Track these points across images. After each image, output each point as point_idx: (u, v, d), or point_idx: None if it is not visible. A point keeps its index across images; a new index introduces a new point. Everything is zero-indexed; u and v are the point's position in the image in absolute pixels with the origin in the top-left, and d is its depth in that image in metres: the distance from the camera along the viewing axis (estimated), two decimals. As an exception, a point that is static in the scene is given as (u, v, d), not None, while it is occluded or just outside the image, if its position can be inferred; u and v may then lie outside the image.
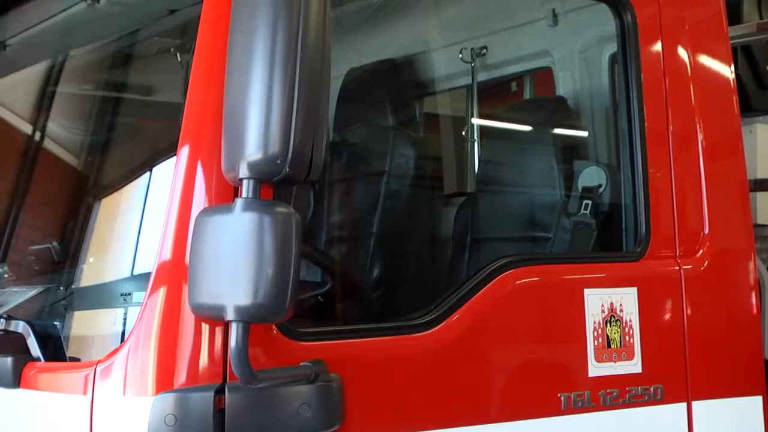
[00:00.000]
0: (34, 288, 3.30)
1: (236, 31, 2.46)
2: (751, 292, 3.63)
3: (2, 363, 2.88)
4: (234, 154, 2.41)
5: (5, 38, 3.76)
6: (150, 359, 2.60)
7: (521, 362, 3.13)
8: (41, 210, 3.63)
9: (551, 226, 3.58)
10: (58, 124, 3.67)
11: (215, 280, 2.38)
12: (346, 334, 2.89)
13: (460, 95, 3.77)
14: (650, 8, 3.52)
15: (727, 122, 3.67)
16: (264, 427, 2.60)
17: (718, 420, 3.46)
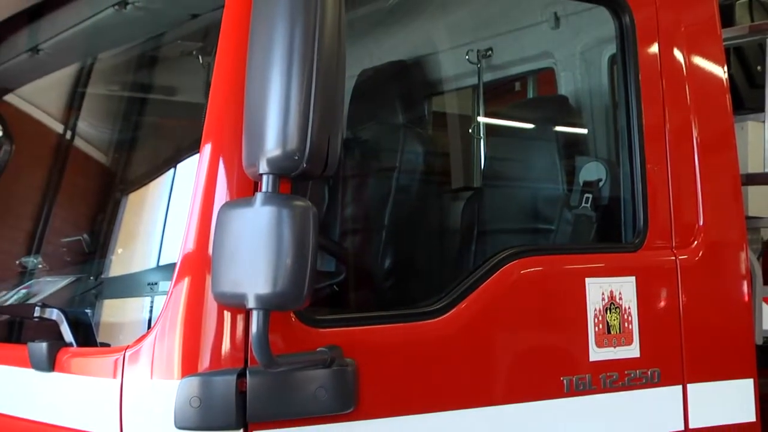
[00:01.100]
0: (67, 278, 3.31)
1: (256, 34, 2.46)
2: (743, 281, 3.61)
3: (37, 348, 2.89)
4: (254, 150, 2.42)
5: (38, 43, 3.77)
6: (175, 345, 2.61)
7: (526, 347, 3.13)
8: (72, 204, 3.64)
9: (554, 219, 3.57)
10: (87, 123, 3.67)
11: (237, 270, 2.38)
12: (360, 321, 2.88)
13: (466, 95, 3.77)
14: (647, 11, 3.50)
15: (720, 120, 3.66)
16: (283, 409, 2.61)
17: (712, 401, 3.45)
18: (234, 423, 2.54)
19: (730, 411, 3.51)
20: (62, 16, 3.56)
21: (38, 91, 3.96)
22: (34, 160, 3.96)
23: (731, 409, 3.52)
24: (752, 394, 3.55)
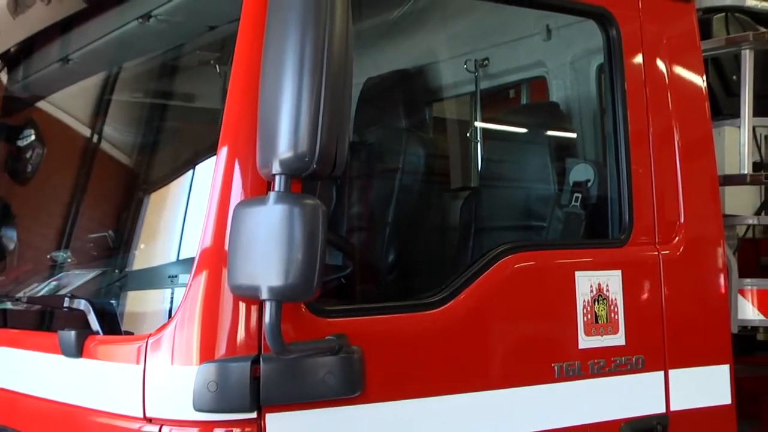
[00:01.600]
0: (93, 271, 3.30)
1: (269, 44, 2.45)
2: (720, 275, 3.58)
3: (67, 336, 2.88)
4: (267, 152, 2.40)
5: (68, 53, 3.75)
6: (194, 333, 2.59)
7: (520, 336, 3.11)
8: (98, 203, 3.62)
9: (546, 217, 3.54)
10: (112, 128, 3.65)
11: (251, 263, 2.37)
12: (366, 311, 2.87)
13: (464, 101, 3.75)
14: (633, 24, 3.47)
15: (699, 125, 3.63)
16: (294, 393, 2.59)
17: (691, 386, 3.43)
18: (248, 406, 2.53)
19: (707, 395, 3.48)
20: (90, 28, 3.54)
21: (68, 98, 3.94)
22: (63, 162, 3.94)
23: (709, 393, 3.48)
24: (728, 378, 3.52)
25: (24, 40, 3.86)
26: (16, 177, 4.15)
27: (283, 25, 2.41)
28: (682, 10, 3.65)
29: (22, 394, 3.22)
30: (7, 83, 4.27)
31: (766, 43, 4.06)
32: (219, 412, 2.54)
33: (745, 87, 4.01)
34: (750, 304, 3.88)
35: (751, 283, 3.92)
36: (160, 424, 2.60)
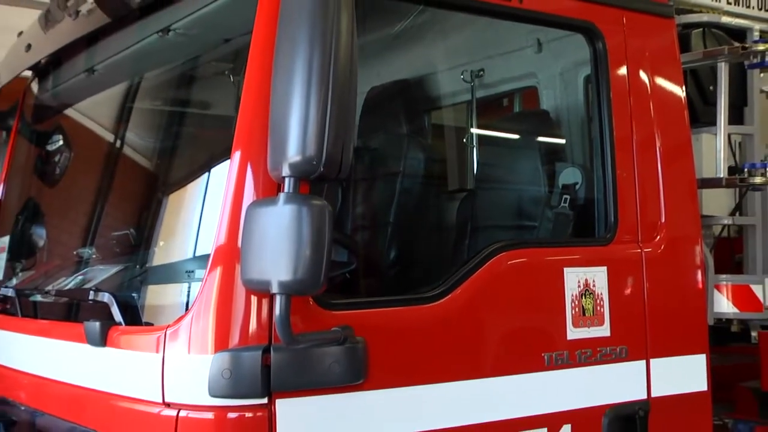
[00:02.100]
0: (116, 266, 3.27)
1: (280, 56, 2.43)
2: (698, 271, 3.54)
3: (92, 327, 2.87)
4: (278, 156, 2.39)
5: (93, 65, 3.73)
6: (209, 324, 2.57)
7: (512, 328, 3.07)
8: (121, 204, 3.60)
9: (537, 217, 3.52)
10: (133, 133, 3.63)
11: (262, 260, 2.35)
12: (369, 304, 2.84)
13: (461, 109, 3.72)
14: (617, 38, 3.44)
15: (679, 132, 3.59)
16: (302, 381, 2.57)
17: (671, 374, 3.39)
18: (260, 392, 2.51)
19: (686, 382, 3.45)
20: (114, 41, 3.52)
21: (93, 106, 3.92)
22: (88, 165, 3.92)
23: (687, 380, 3.45)
24: (705, 367, 3.49)
25: (53, 53, 3.83)
26: (45, 179, 4.15)
27: (292, 38, 2.39)
28: (663, 25, 3.62)
29: (52, 380, 3.21)
30: (38, 92, 4.25)
31: (740, 57, 4.03)
32: (232, 397, 2.52)
33: (721, 97, 3.99)
34: (725, 298, 3.85)
35: (726, 278, 3.89)
36: (177, 409, 2.58)
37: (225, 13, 3.02)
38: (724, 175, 3.92)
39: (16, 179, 4.33)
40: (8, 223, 4.25)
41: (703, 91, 4.21)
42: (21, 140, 4.37)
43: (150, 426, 2.67)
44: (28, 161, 4.30)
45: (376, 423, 2.73)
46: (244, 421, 2.54)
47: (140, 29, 3.36)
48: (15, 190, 4.32)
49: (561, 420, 3.08)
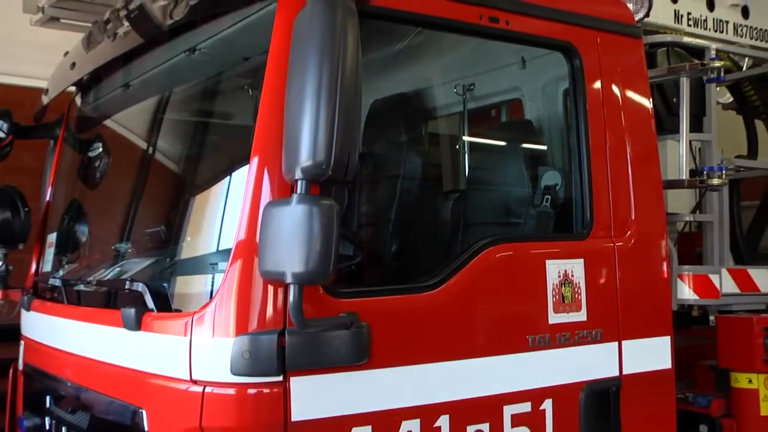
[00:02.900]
0: (149, 259, 3.23)
1: (293, 72, 2.41)
2: (664, 262, 3.50)
3: (128, 313, 2.84)
4: (291, 161, 2.36)
5: (129, 80, 3.71)
6: (231, 311, 2.55)
7: (500, 313, 3.04)
8: (153, 204, 3.56)
9: (521, 215, 3.47)
10: (164, 141, 3.60)
11: (278, 253, 2.32)
12: (372, 293, 2.80)
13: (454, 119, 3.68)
14: (593, 56, 3.39)
15: (647, 139, 3.54)
16: (313, 361, 2.55)
17: (640, 353, 3.36)
18: (275, 371, 2.49)
19: (653, 361, 3.40)
20: (146, 59, 3.49)
21: (128, 117, 3.89)
22: (124, 170, 3.89)
23: (654, 359, 3.41)
24: (669, 347, 3.44)
25: (93, 70, 3.81)
26: (87, 182, 4.11)
27: (304, 57, 2.37)
28: (632, 44, 3.58)
29: (94, 360, 3.18)
30: (81, 105, 4.23)
31: (699, 72, 3.99)
32: (251, 375, 2.50)
33: (683, 108, 3.93)
34: (687, 287, 3.78)
35: (688, 269, 3.83)
36: (203, 385, 2.56)
37: (244, 35, 2.99)
38: (686, 177, 3.86)
39: (62, 182, 4.31)
40: (55, 221, 4.22)
41: (667, 103, 4.17)
42: (66, 148, 4.34)
43: (179, 400, 2.63)
44: (72, 166, 4.27)
45: (379, 397, 2.70)
46: (262, 397, 2.52)
47: (169, 49, 3.33)
48: (61, 192, 4.30)
49: (543, 395, 3.04)
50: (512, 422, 2.96)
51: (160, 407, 2.73)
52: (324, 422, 2.59)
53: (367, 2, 2.70)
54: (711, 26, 4.80)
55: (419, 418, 2.76)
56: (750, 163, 4.59)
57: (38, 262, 4.24)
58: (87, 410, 3.21)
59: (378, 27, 2.93)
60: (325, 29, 2.34)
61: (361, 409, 2.66)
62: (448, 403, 2.83)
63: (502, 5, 3.13)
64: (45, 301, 3.87)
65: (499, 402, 2.94)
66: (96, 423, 3.14)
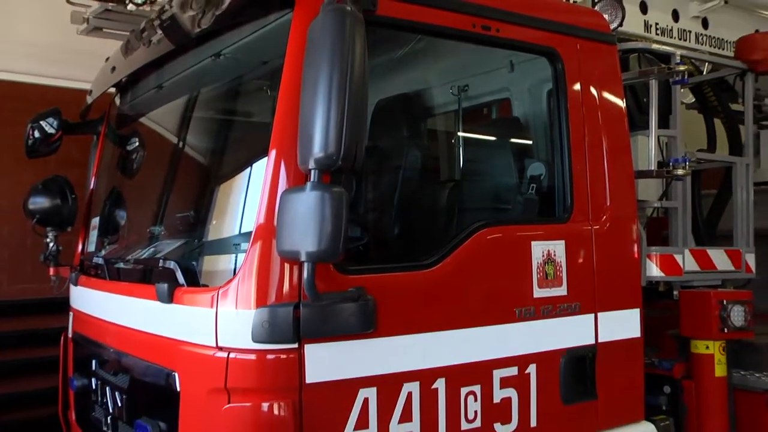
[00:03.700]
0: (179, 240, 3.18)
1: (307, 75, 2.36)
2: (635, 244, 3.45)
3: (162, 288, 2.80)
4: (305, 153, 2.31)
5: (161, 82, 3.65)
6: (252, 286, 2.50)
7: (490, 288, 2.98)
8: (183, 192, 3.49)
9: (510, 201, 3.42)
10: (192, 136, 3.53)
11: (293, 235, 2.28)
12: (378, 270, 2.74)
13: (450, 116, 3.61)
14: (574, 61, 3.33)
15: (620, 135, 3.46)
16: (325, 330, 2.51)
17: (613, 324, 3.31)
18: (291, 339, 2.46)
19: (624, 330, 3.36)
20: (176, 63, 3.43)
21: (161, 115, 3.82)
22: (158, 162, 3.82)
23: (625, 329, 3.36)
24: (639, 318, 3.40)
25: (131, 73, 3.74)
26: (125, 172, 4.06)
27: (317, 61, 2.32)
28: (608, 51, 3.51)
29: (132, 329, 3.14)
30: (120, 104, 4.17)
31: (666, 75, 3.92)
32: (270, 343, 2.47)
33: (652, 107, 3.87)
34: (654, 265, 3.73)
35: (656, 249, 3.77)
36: (228, 351, 2.53)
37: (263, 41, 2.93)
38: (655, 168, 3.80)
39: (104, 173, 4.26)
40: (98, 207, 4.18)
41: (638, 102, 4.11)
42: (107, 142, 4.29)
43: (207, 364, 2.60)
44: (113, 159, 4.22)
45: (383, 362, 2.67)
46: (280, 361, 2.49)
47: (197, 54, 3.27)
48: (103, 181, 4.25)
49: (528, 361, 3.00)
50: (500, 384, 2.92)
51: (190, 370, 2.69)
52: (334, 384, 2.56)
53: (373, 12, 2.66)
54: (676, 35, 4.76)
55: (419, 381, 2.73)
56: (709, 156, 4.52)
57: (84, 243, 4.21)
58: (127, 373, 3.18)
59: (383, 34, 2.86)
60: (335, 36, 2.30)
61: (367, 373, 2.62)
62: (444, 367, 2.79)
63: (493, 15, 3.07)
64: (90, 277, 3.84)
65: (489, 367, 2.90)
66: (135, 384, 3.12)
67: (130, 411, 3.11)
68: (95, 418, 3.50)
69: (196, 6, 2.81)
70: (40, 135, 4.13)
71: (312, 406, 2.50)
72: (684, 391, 3.76)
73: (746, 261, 4.10)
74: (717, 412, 3.74)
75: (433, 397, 2.75)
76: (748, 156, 4.45)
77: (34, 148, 4.17)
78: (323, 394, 2.53)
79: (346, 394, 2.58)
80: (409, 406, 2.70)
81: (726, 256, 4.04)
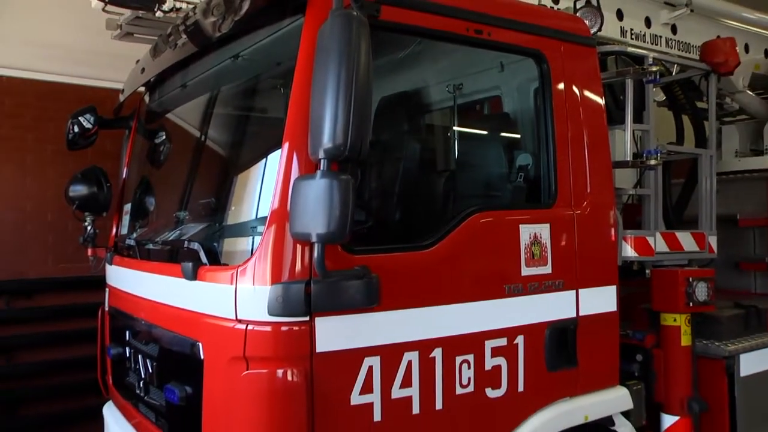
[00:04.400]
0: (202, 224, 3.12)
1: (317, 74, 2.29)
2: (612, 227, 3.37)
3: (187, 266, 2.75)
4: (315, 144, 2.25)
5: (185, 81, 3.57)
6: (267, 265, 2.45)
7: (483, 267, 2.91)
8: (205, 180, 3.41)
9: (500, 189, 3.34)
10: (213, 130, 3.45)
11: (305, 218, 2.23)
12: (381, 250, 2.68)
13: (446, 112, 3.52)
14: (558, 62, 3.25)
15: (600, 129, 3.38)
16: (333, 304, 2.46)
17: (593, 299, 3.23)
18: (303, 312, 2.41)
19: (602, 305, 3.29)
20: (199, 64, 3.36)
21: (185, 111, 3.74)
22: (182, 153, 3.74)
23: (603, 304, 3.30)
24: (615, 294, 3.34)
25: (158, 74, 3.67)
26: (153, 163, 4.00)
27: (326, 62, 2.26)
28: (588, 53, 3.42)
29: (161, 303, 3.09)
30: (149, 102, 4.11)
31: (640, 75, 3.85)
32: (284, 316, 2.42)
33: (627, 104, 3.79)
34: (629, 247, 3.67)
35: (631, 232, 3.71)
36: (246, 323, 2.48)
37: (277, 44, 2.85)
38: (630, 159, 3.73)
39: (135, 163, 4.19)
40: (129, 194, 4.12)
41: (616, 100, 4.03)
42: (137, 136, 4.22)
43: (227, 335, 2.55)
44: (142, 150, 4.15)
45: (386, 334, 2.62)
46: (293, 333, 2.44)
47: (218, 56, 3.19)
48: (134, 170, 4.19)
49: (516, 332, 2.95)
50: (491, 353, 2.87)
51: (212, 340, 2.65)
52: (342, 353, 2.52)
53: (377, 17, 2.59)
54: (648, 39, 4.71)
55: (418, 351, 2.68)
56: (678, 149, 4.46)
57: (117, 226, 4.17)
58: (156, 342, 3.14)
59: (386, 37, 2.78)
60: (342, 39, 2.24)
61: (371, 343, 2.58)
62: (441, 338, 2.74)
63: (485, 20, 3.00)
64: (123, 257, 3.79)
65: (481, 338, 2.85)
66: (163, 352, 3.08)
67: (160, 376, 3.08)
68: (129, 382, 3.47)
69: (217, 13, 2.76)
70: (78, 129, 4.09)
71: (322, 372, 2.46)
72: (654, 359, 3.73)
73: (709, 243, 4.06)
74: (682, 377, 3.72)
75: (431, 365, 2.71)
76: (711, 149, 4.40)
77: (74, 141, 4.14)
78: (332, 362, 2.49)
79: (353, 362, 2.54)
80: (409, 373, 2.66)
81: (692, 239, 3.99)
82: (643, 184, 3.93)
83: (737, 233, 5.44)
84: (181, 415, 2.84)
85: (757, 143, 5.60)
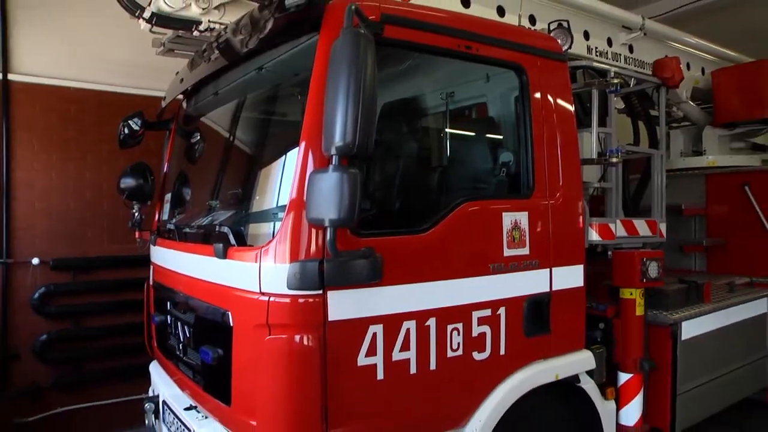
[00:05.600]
0: (231, 211, 3.05)
1: (330, 83, 2.23)
2: (580, 216, 3.29)
3: (218, 247, 2.69)
4: (328, 143, 2.19)
5: (217, 90, 3.48)
6: (287, 246, 2.39)
7: (471, 249, 2.84)
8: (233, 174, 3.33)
9: (486, 182, 3.26)
10: (241, 132, 3.36)
11: (319, 206, 2.17)
12: (384, 234, 2.61)
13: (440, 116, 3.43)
14: (535, 74, 3.15)
15: (570, 132, 3.29)
16: (343, 280, 2.39)
17: (564, 276, 3.17)
18: (317, 286, 2.36)
19: (571, 281, 3.22)
20: (229, 75, 3.28)
21: (217, 115, 3.64)
22: (214, 151, 3.66)
23: (572, 280, 3.22)
24: (582, 272, 3.27)
25: (194, 83, 3.58)
26: (189, 159, 3.92)
27: (338, 71, 2.20)
28: (561, 67, 3.32)
29: (196, 278, 3.02)
30: (186, 107, 4.02)
31: (604, 86, 3.78)
32: (301, 289, 2.36)
33: (593, 110, 3.71)
34: (594, 232, 3.59)
35: (596, 220, 3.62)
36: (269, 296, 2.43)
37: (296, 58, 2.77)
38: (595, 157, 3.66)
39: (174, 159, 4.11)
40: (170, 185, 4.04)
41: (584, 107, 3.94)
42: (176, 136, 4.13)
43: (252, 306, 2.50)
44: (180, 149, 4.06)
45: (387, 305, 2.56)
46: (308, 304, 2.39)
47: (245, 68, 3.10)
48: (173, 166, 4.10)
49: (499, 304, 2.89)
50: (478, 322, 2.81)
51: (240, 310, 2.59)
52: (350, 321, 2.46)
53: (381, 35, 2.55)
54: (610, 56, 4.63)
55: (415, 320, 2.63)
56: (635, 149, 4.38)
57: (159, 213, 4.09)
58: (193, 311, 3.08)
59: (389, 52, 2.71)
60: (352, 53, 2.19)
61: (375, 313, 2.52)
62: (435, 309, 2.68)
63: (473, 38, 2.92)
64: (164, 239, 3.71)
65: (469, 309, 2.79)
66: (199, 320, 3.02)
67: (196, 340, 3.02)
68: (171, 345, 3.41)
69: (245, 32, 2.70)
70: (128, 131, 4.03)
71: (333, 338, 2.41)
72: (614, 327, 3.68)
73: (660, 229, 4.00)
74: (636, 341, 3.68)
75: (426, 332, 2.65)
76: (662, 149, 4.35)
77: (124, 141, 4.07)
78: (341, 329, 2.44)
79: (359, 329, 2.49)
80: (407, 338, 2.60)
81: (646, 225, 3.92)
82: (606, 179, 3.85)
83: (681, 221, 5.51)
84: (214, 372, 2.79)
85: (698, 145, 5.66)
